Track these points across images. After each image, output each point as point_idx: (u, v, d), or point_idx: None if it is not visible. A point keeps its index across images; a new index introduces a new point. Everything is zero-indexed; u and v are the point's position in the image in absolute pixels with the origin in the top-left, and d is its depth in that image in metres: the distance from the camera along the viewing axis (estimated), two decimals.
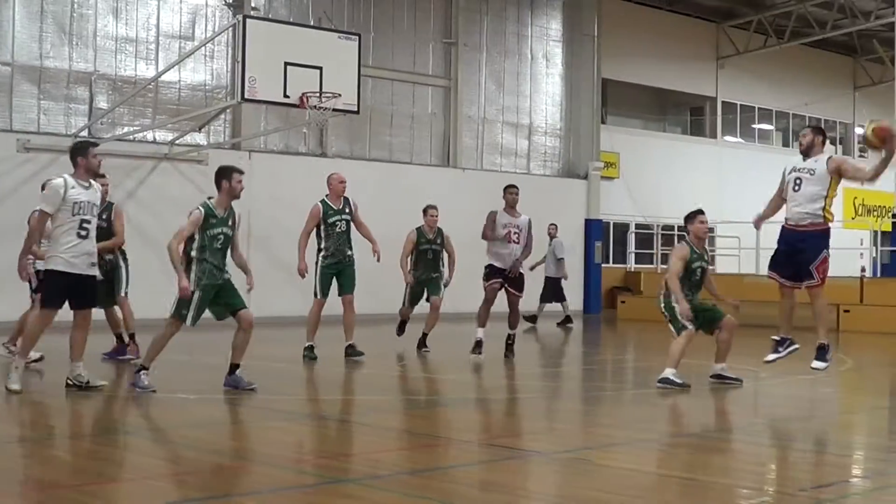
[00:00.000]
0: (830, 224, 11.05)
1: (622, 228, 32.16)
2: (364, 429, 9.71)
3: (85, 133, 21.85)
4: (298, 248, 14.41)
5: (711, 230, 12.20)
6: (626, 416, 11.05)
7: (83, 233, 10.94)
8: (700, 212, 12.58)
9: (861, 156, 42.44)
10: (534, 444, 8.78)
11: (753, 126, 38.66)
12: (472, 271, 16.23)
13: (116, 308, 14.11)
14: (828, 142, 11.29)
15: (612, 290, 31.13)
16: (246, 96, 18.63)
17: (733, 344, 12.37)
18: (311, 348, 14.65)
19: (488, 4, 28.90)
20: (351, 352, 14.87)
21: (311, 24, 23.04)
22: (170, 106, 23.31)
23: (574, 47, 30.70)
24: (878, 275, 30.61)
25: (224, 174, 11.98)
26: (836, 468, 8.19)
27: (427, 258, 16.20)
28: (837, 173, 10.99)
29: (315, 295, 14.61)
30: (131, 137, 22.29)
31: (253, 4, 23.96)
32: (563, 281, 23.74)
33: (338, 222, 14.63)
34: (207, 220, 11.61)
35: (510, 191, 15.50)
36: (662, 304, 12.29)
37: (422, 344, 16.25)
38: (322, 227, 14.60)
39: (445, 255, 16.53)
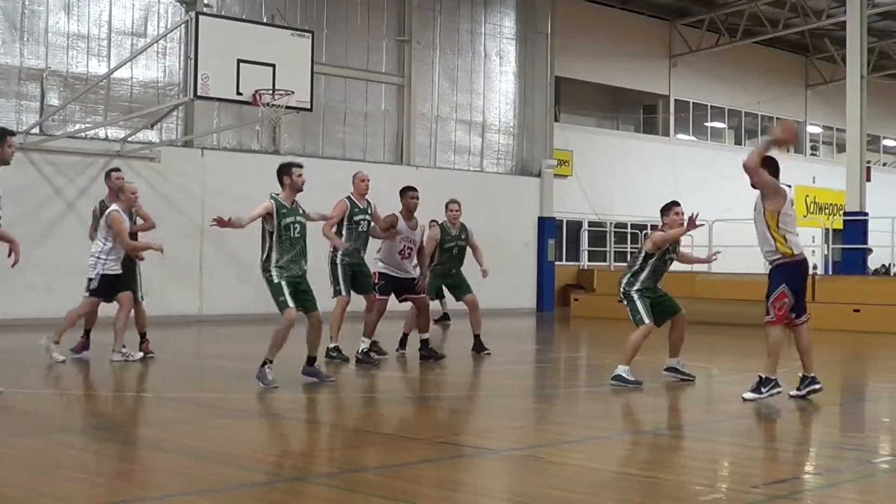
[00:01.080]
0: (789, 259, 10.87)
1: (575, 226, 32.26)
2: (319, 427, 9.68)
3: (36, 130, 21.67)
4: (329, 237, 13.91)
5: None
6: (579, 414, 11.09)
7: None
8: (675, 203, 12.61)
9: (812, 154, 42.86)
10: (487, 442, 8.77)
11: (706, 124, 38.92)
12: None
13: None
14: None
15: (565, 288, 31.23)
16: (199, 93, 18.53)
17: (686, 339, 12.47)
18: (338, 349, 14.30)
19: (442, 2, 28.90)
20: (376, 349, 14.71)
21: (265, 21, 22.91)
22: (122, 103, 23.14)
23: (528, 45, 30.76)
24: (830, 272, 30.90)
25: (284, 171, 11.97)
26: (788, 465, 8.25)
27: (452, 254, 15.87)
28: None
29: (339, 293, 14.15)
30: (83, 135, 22.11)
31: (206, 1, 23.84)
32: None
33: (361, 221, 14.46)
34: (279, 211, 11.64)
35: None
36: (622, 292, 12.34)
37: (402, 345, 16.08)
38: (345, 224, 14.33)
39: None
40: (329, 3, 26.47)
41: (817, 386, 11.09)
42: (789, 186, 11.73)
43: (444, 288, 16.49)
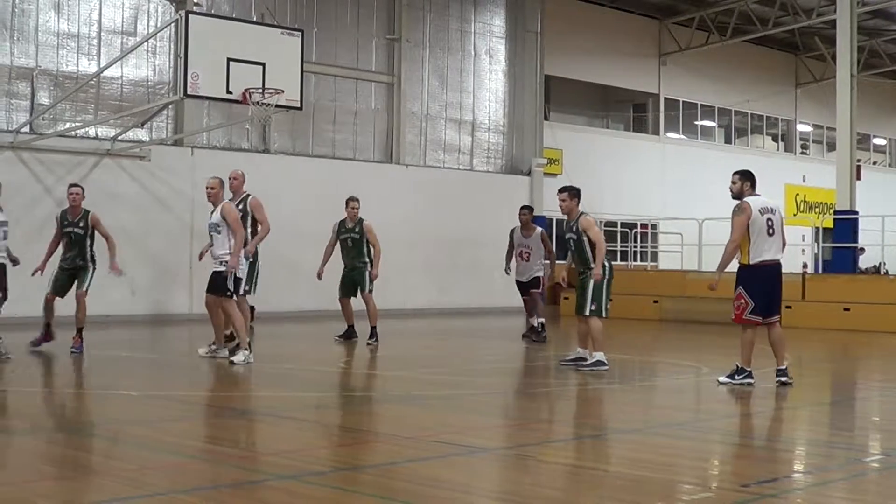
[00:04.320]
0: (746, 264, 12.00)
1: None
2: (305, 425, 9.69)
3: (27, 129, 21.63)
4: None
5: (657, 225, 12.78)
6: (567, 412, 11.11)
7: None
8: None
9: (802, 152, 42.92)
10: (476, 441, 8.78)
11: (696, 123, 38.94)
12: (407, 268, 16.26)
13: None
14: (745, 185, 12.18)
15: (554, 287, 31.22)
16: (188, 92, 18.49)
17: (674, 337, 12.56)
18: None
19: (431, 1, 28.88)
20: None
21: (254, 19, 22.90)
22: (112, 102, 23.10)
23: (517, 44, 30.76)
24: (820, 271, 30.96)
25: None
26: (778, 464, 8.27)
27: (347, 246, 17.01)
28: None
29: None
30: (73, 133, 22.07)
31: (195, 0, 23.80)
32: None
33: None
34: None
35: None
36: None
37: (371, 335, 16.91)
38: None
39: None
40: (319, 1, 26.44)
41: (784, 378, 12.02)
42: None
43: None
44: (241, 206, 14.35)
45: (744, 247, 11.92)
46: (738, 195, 12.10)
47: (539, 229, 18.12)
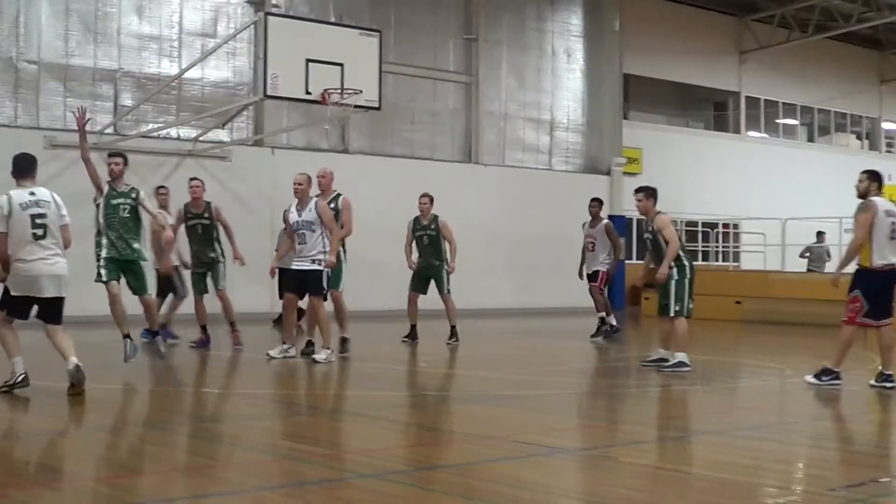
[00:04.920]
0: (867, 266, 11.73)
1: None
2: (387, 424, 9.69)
3: (110, 130, 21.91)
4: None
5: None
6: (649, 413, 11.01)
7: None
8: None
9: (888, 151, 42.25)
10: (557, 441, 8.73)
11: (778, 121, 38.44)
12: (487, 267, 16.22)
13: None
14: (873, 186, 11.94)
15: (634, 287, 31.02)
16: (268, 93, 18.65)
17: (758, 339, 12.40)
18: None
19: (508, 1, 28.82)
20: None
21: (333, 20, 23.04)
22: (193, 103, 23.35)
23: (595, 43, 30.60)
24: None
25: None
26: (866, 468, 8.09)
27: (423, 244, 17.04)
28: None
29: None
30: (155, 134, 22.34)
31: (274, 2, 23.99)
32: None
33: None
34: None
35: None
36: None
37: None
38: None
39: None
40: (396, 2, 26.52)
41: (889, 384, 11.57)
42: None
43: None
44: (332, 205, 14.42)
45: (864, 248, 11.66)
46: (863, 195, 11.87)
47: (605, 221, 18.11)
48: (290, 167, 23.34)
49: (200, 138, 23.08)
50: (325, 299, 14.00)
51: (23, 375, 10.39)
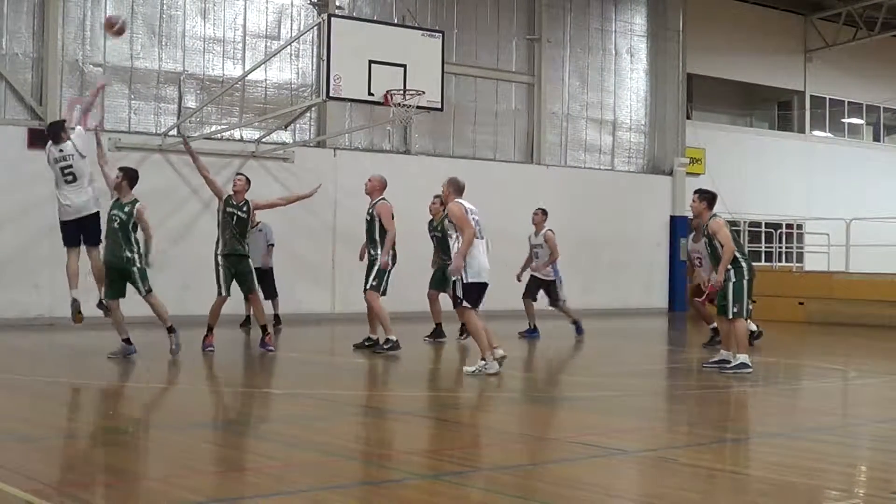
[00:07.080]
0: None
1: None
2: (445, 425, 9.73)
3: (174, 132, 22.14)
4: None
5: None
6: (711, 415, 10.96)
7: None
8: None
9: None
10: (617, 443, 8.73)
11: (843, 120, 38.00)
12: None
13: None
14: None
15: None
16: (331, 94, 18.72)
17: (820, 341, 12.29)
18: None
19: (571, 1, 28.75)
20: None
21: (395, 22, 23.10)
22: (256, 104, 23.51)
23: (658, 42, 30.44)
24: None
25: None
26: None
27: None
28: None
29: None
30: (219, 136, 22.52)
31: (338, 3, 24.09)
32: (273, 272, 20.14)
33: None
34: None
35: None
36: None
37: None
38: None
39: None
40: (459, 2, 26.53)
41: None
42: None
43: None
44: (369, 211, 14.90)
45: None
46: None
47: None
48: (352, 168, 23.54)
49: (263, 140, 23.25)
50: (458, 304, 13.12)
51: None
